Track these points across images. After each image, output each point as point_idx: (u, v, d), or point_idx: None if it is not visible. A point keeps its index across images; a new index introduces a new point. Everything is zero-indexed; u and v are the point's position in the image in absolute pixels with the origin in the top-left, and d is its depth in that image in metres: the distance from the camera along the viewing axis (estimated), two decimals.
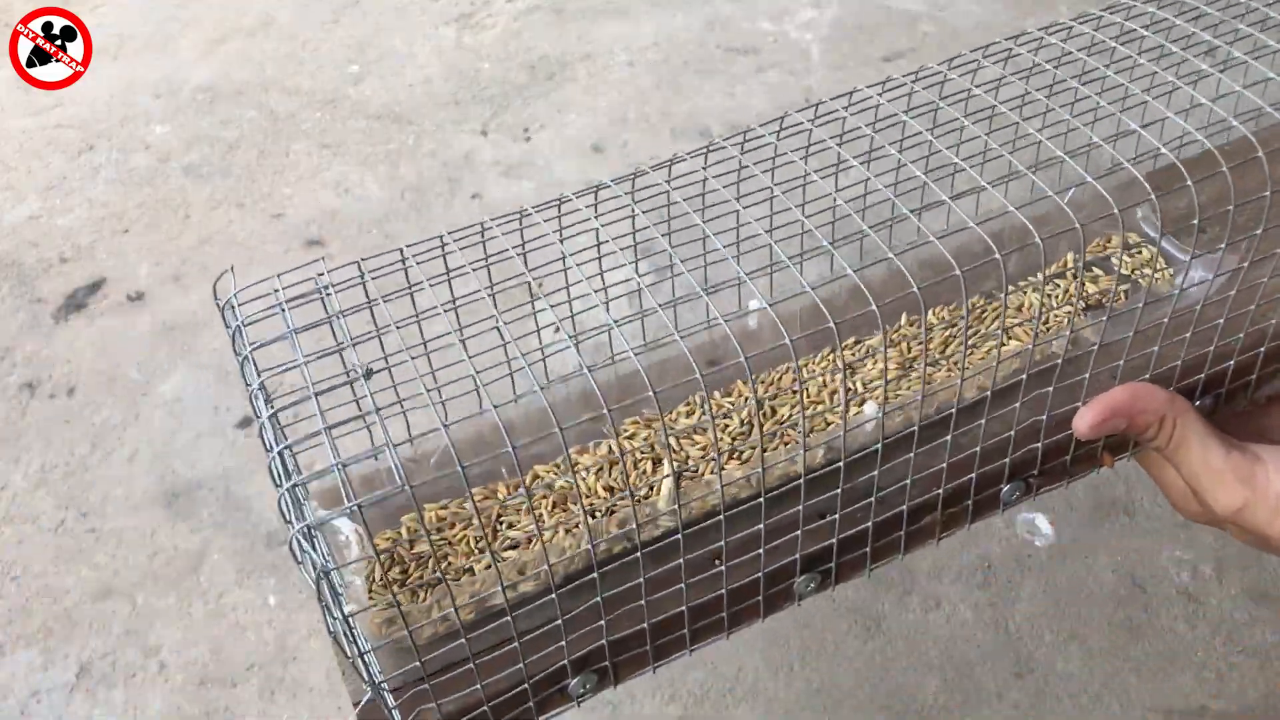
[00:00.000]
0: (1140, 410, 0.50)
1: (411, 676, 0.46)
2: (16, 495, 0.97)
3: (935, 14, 1.61)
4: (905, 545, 0.53)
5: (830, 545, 0.50)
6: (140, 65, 1.56)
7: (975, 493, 0.52)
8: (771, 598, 0.52)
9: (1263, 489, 0.49)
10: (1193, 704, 0.81)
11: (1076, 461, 0.53)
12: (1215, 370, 0.53)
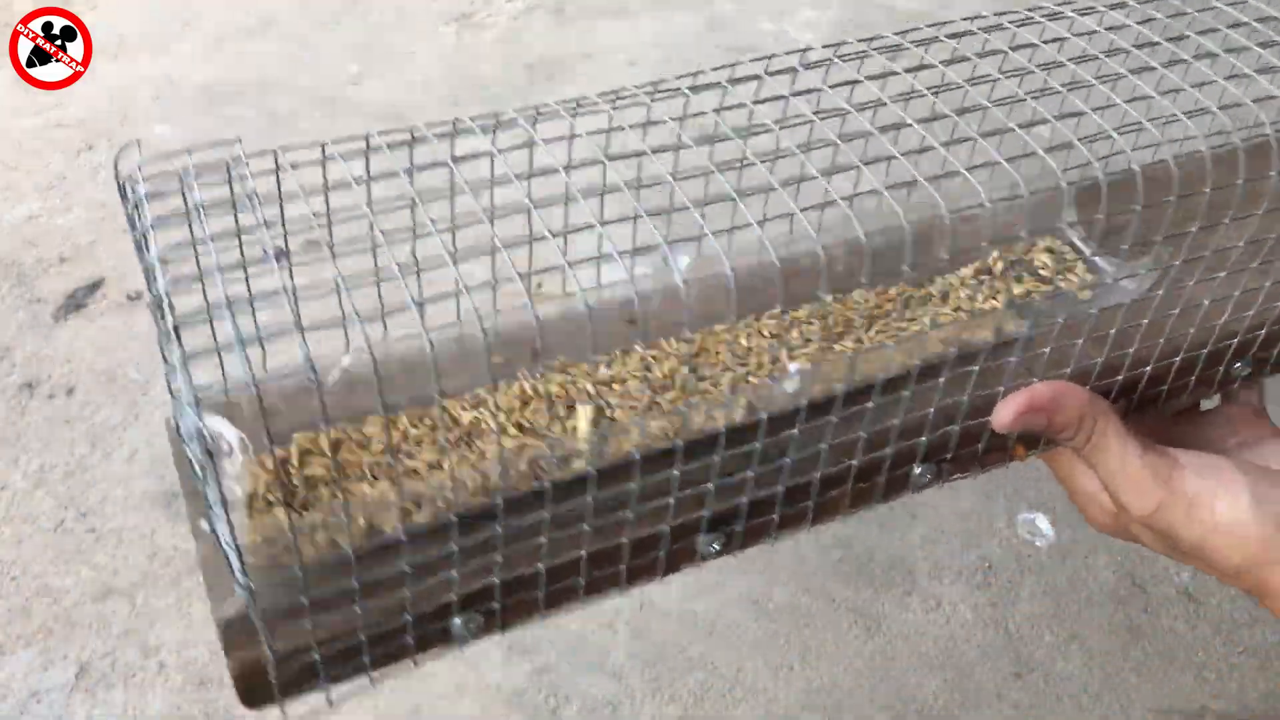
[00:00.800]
0: (1060, 407, 0.50)
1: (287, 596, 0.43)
2: (16, 495, 0.97)
3: (936, 13, 1.61)
4: (814, 516, 0.52)
5: (738, 504, 0.48)
6: (140, 65, 1.56)
7: (889, 470, 0.51)
8: (674, 554, 0.50)
9: (1179, 490, 0.49)
10: (1193, 704, 0.81)
11: (989, 451, 0.54)
12: (1131, 375, 0.53)
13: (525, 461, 0.48)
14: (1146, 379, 0.54)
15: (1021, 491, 0.95)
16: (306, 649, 0.44)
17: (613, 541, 0.47)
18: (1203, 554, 0.50)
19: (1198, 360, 0.55)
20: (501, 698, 0.81)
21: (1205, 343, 0.54)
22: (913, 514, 0.93)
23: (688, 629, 0.85)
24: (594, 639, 0.85)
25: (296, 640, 0.44)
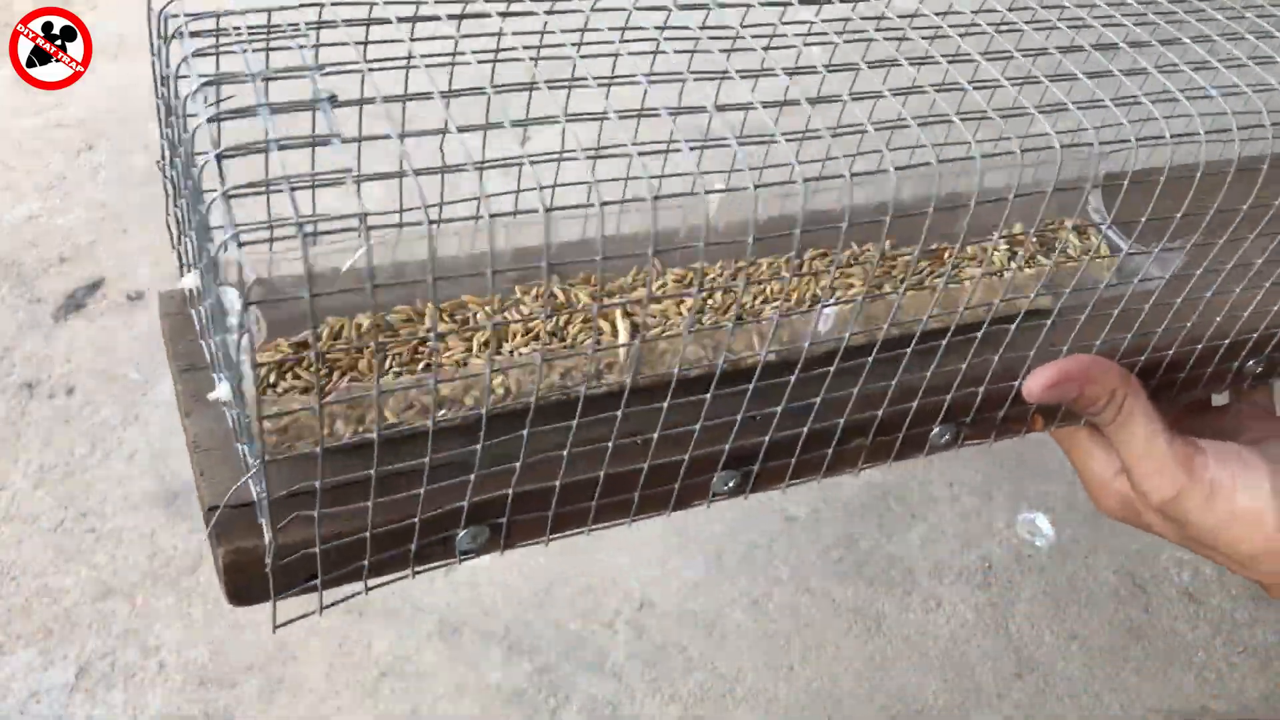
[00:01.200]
0: (1093, 380, 0.49)
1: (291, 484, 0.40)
2: (16, 495, 0.97)
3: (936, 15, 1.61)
4: (828, 466, 0.51)
5: (759, 443, 0.47)
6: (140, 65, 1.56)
7: (909, 427, 0.51)
8: (687, 488, 0.48)
9: (1200, 476, 0.49)
10: (1193, 704, 0.81)
11: (1007, 420, 0.53)
12: (1152, 359, 0.53)
13: (559, 372, 0.46)
14: (1166, 365, 0.53)
15: (1022, 491, 0.95)
16: (305, 544, 0.41)
17: (633, 465, 0.45)
18: (1217, 542, 0.49)
19: (1216, 352, 0.55)
20: (501, 697, 0.81)
21: (1226, 335, 0.54)
22: (913, 514, 0.93)
23: (688, 629, 0.85)
24: (594, 639, 0.85)
25: (297, 534, 0.41)
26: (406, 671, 0.83)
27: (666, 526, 0.91)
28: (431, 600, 0.87)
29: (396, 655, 0.84)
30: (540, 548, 0.55)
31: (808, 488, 0.92)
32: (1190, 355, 0.54)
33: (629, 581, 0.88)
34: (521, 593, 0.87)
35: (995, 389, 0.51)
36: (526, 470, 0.43)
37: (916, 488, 0.95)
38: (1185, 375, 0.55)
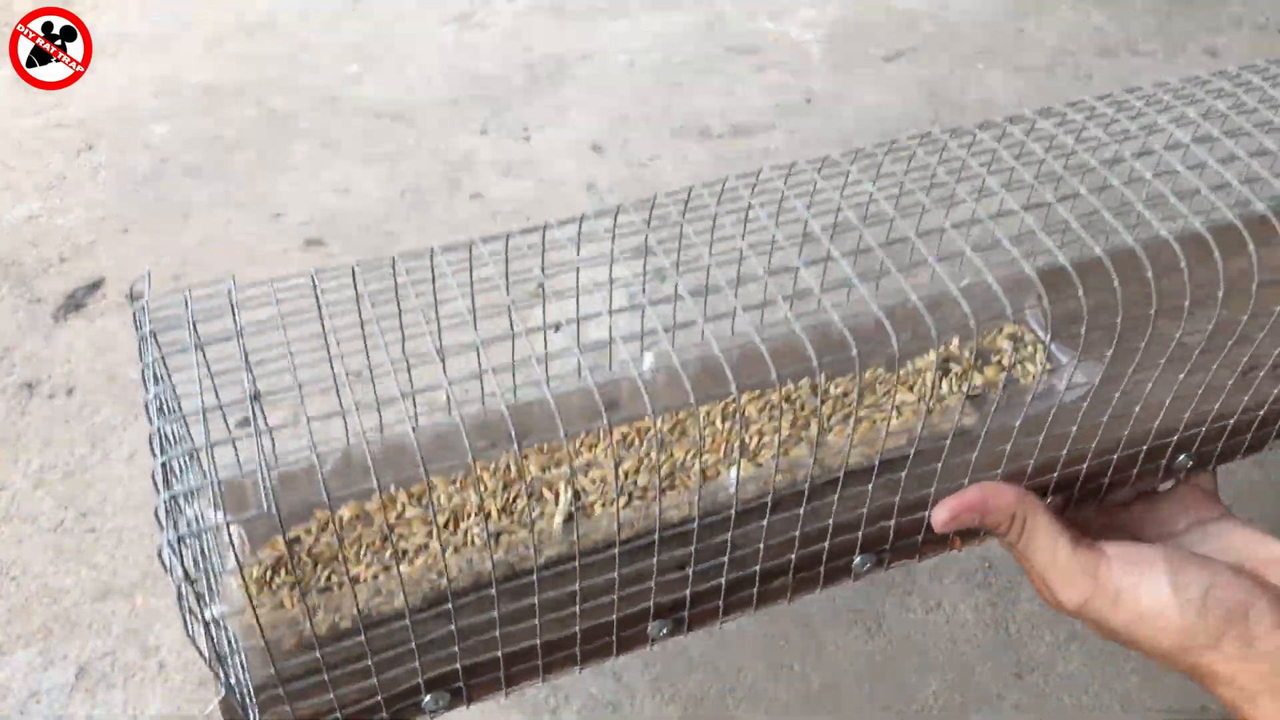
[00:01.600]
0: (992, 509, 0.53)
1: (278, 677, 0.47)
2: (16, 495, 0.97)
3: (936, 13, 1.61)
4: (757, 602, 0.55)
5: (684, 596, 0.53)
6: (140, 65, 1.56)
7: (827, 561, 0.55)
8: (625, 638, 0.54)
9: (1104, 582, 0.52)
10: (1193, 704, 0.81)
11: (927, 543, 0.57)
12: (1073, 470, 0.56)
13: (504, 549, 0.52)
14: (1086, 473, 0.57)
15: None
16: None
17: (571, 629, 0.51)
18: (1134, 640, 0.52)
19: (1139, 455, 0.58)
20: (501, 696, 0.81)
21: (1145, 439, 0.57)
22: None
23: None
24: None
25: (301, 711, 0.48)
26: None
27: None
28: None
29: None
30: None
31: None
32: (1109, 463, 0.57)
33: None
34: None
35: (911, 518, 0.55)
36: (477, 645, 0.50)
37: None
38: (1113, 478, 0.58)
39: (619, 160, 1.34)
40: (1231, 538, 0.58)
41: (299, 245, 1.24)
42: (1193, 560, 0.52)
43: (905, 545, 0.58)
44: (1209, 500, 0.60)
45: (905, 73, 1.49)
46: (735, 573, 0.54)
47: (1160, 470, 0.61)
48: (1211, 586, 0.51)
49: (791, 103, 1.44)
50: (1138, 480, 0.60)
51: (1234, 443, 0.63)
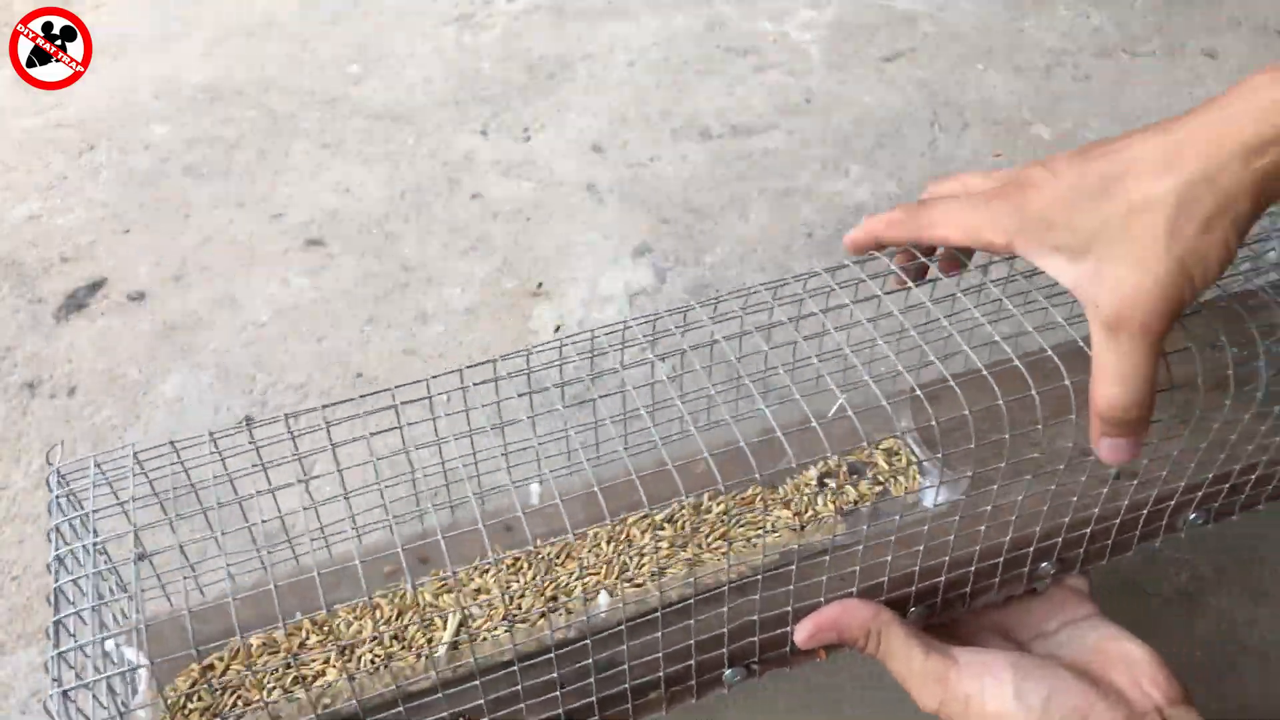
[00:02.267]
0: (845, 626, 0.58)
1: None
2: (17, 495, 0.97)
3: (935, 14, 1.61)
4: (634, 713, 0.60)
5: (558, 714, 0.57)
6: (141, 65, 1.56)
7: (697, 675, 0.59)
8: None
9: (954, 688, 0.55)
10: None
11: (795, 654, 0.62)
12: (931, 583, 0.61)
13: (390, 673, 0.57)
14: (950, 582, 0.61)
15: None
16: None
17: None
18: None
19: (998, 565, 0.62)
20: None
21: (1001, 550, 0.61)
22: None
23: None
24: None
25: None
26: None
27: None
28: None
29: None
30: None
31: None
32: (968, 574, 0.61)
33: None
34: None
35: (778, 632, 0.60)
36: None
37: None
38: (975, 586, 0.63)
39: (619, 160, 1.34)
40: (1091, 636, 0.61)
41: (299, 245, 1.24)
42: (1036, 668, 0.55)
43: (775, 656, 0.62)
44: (1079, 599, 0.64)
45: (904, 73, 1.49)
46: (609, 689, 0.58)
47: (1025, 577, 0.65)
48: (1052, 693, 0.54)
49: (791, 103, 1.45)
50: (1002, 587, 0.64)
51: (1097, 547, 0.66)
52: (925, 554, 0.60)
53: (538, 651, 0.56)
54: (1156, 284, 0.46)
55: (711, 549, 0.64)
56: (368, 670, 0.58)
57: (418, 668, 0.57)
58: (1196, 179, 0.45)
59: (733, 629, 0.59)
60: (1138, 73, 1.49)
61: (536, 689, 0.55)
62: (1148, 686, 0.57)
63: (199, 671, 0.59)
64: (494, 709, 0.54)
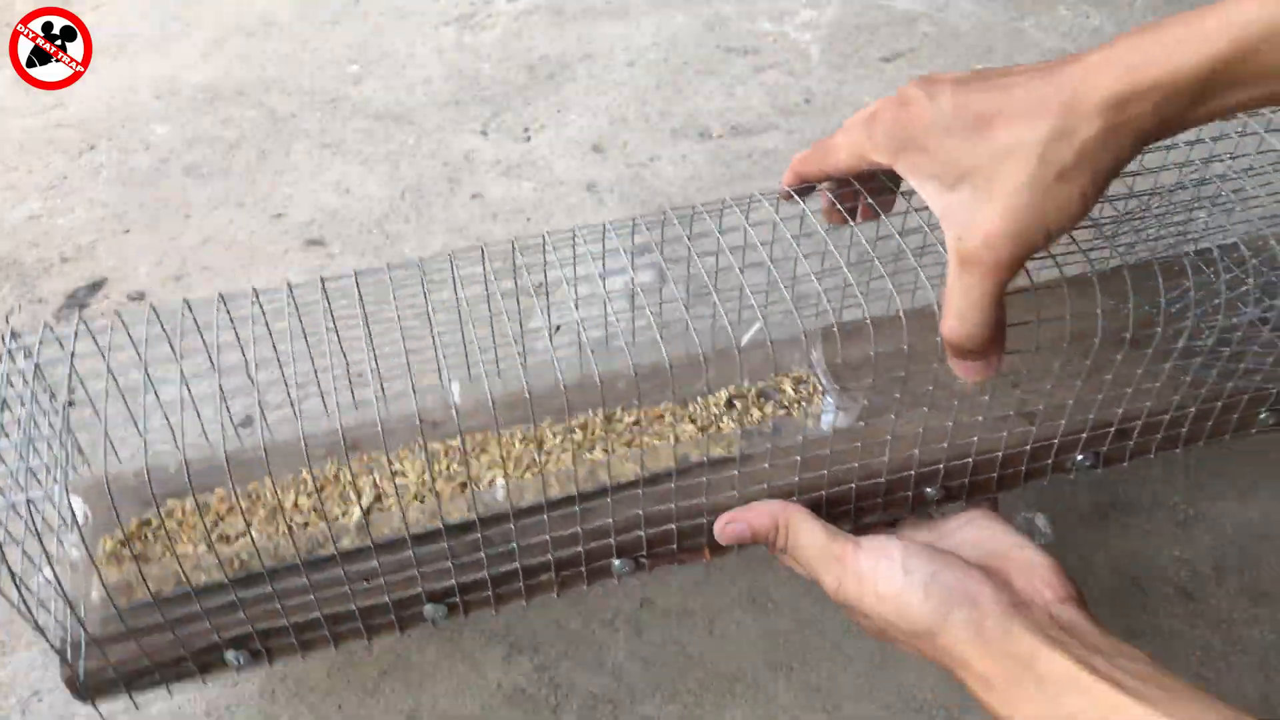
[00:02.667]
0: (758, 516, 0.63)
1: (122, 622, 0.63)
2: None
3: (935, 14, 1.61)
4: (526, 594, 0.67)
5: (453, 585, 0.64)
6: (141, 65, 1.56)
7: (586, 563, 0.66)
8: (404, 617, 0.66)
9: (853, 567, 0.59)
10: None
11: (683, 550, 0.68)
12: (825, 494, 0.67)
13: (306, 538, 0.65)
14: (832, 498, 0.68)
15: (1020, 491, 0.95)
16: (127, 663, 0.64)
17: (355, 604, 0.63)
18: (885, 624, 0.58)
19: (881, 485, 0.68)
20: (502, 695, 0.82)
21: (882, 472, 0.68)
22: None
23: (687, 628, 0.86)
24: (594, 637, 0.85)
25: (118, 656, 0.64)
26: (407, 670, 0.84)
27: None
28: None
29: (397, 654, 0.84)
30: None
31: None
32: (850, 491, 0.67)
33: (629, 580, 0.89)
34: None
35: (661, 530, 0.67)
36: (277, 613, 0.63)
37: None
38: (859, 504, 0.69)
39: (619, 160, 1.35)
40: (995, 544, 0.65)
41: (300, 245, 1.24)
42: (925, 551, 0.59)
43: (663, 552, 0.68)
44: (990, 518, 0.69)
45: (904, 73, 1.49)
46: (500, 566, 0.65)
47: (910, 500, 0.71)
48: (936, 572, 0.57)
49: (791, 103, 1.45)
50: (888, 508, 0.70)
51: (983, 479, 0.73)
52: (813, 472, 0.66)
53: (439, 530, 0.64)
54: (1009, 229, 0.48)
55: (614, 453, 0.70)
56: (283, 536, 0.65)
57: (329, 533, 0.65)
58: (1058, 130, 0.46)
59: (620, 523, 0.65)
60: None
61: (433, 558, 0.63)
62: (1040, 585, 0.60)
63: (135, 525, 0.69)
64: (389, 571, 0.63)
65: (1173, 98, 0.45)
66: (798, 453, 0.64)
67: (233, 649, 0.64)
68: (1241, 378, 0.75)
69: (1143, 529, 0.92)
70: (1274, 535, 0.91)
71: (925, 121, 0.50)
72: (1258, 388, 0.75)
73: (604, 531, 0.65)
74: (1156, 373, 0.69)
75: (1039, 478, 0.75)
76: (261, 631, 0.63)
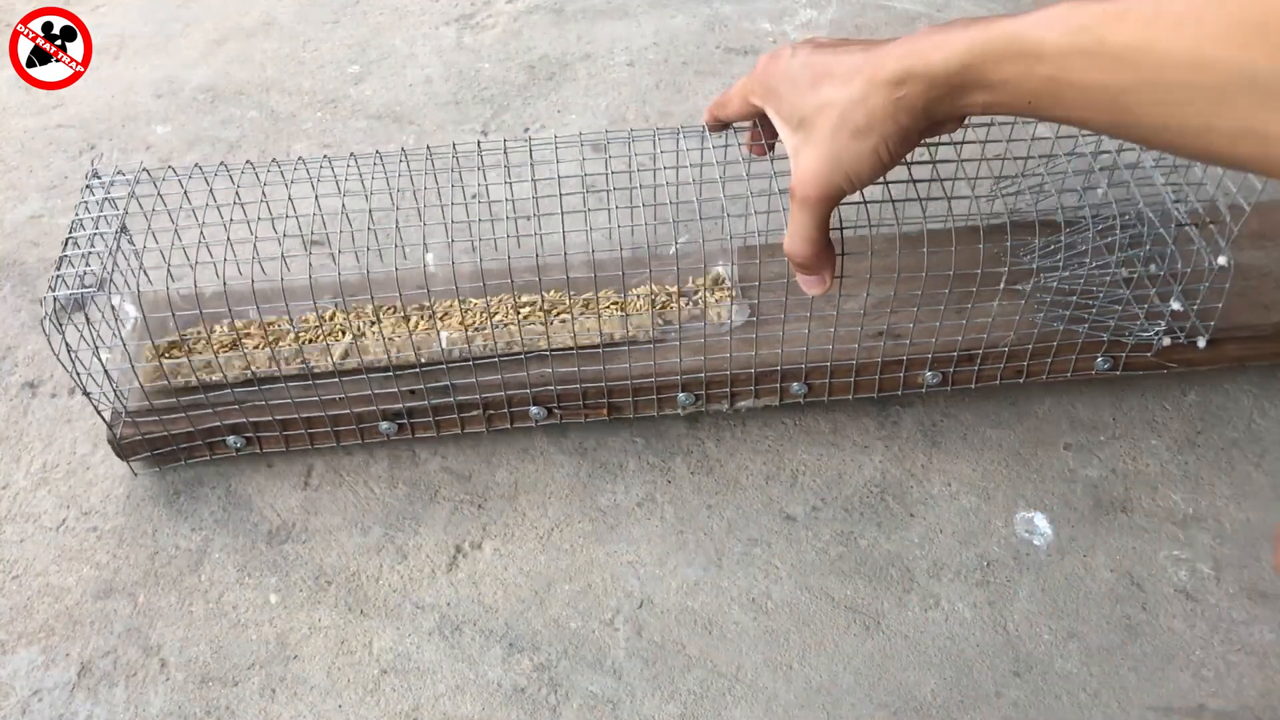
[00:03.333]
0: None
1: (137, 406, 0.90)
2: (18, 494, 0.98)
3: (935, 14, 1.61)
4: (462, 425, 0.91)
5: (402, 408, 0.89)
6: (141, 65, 1.56)
7: (509, 406, 0.90)
8: (364, 429, 0.91)
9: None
10: (1191, 702, 0.81)
11: (587, 406, 0.91)
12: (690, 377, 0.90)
13: (299, 358, 0.91)
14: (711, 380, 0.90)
15: (1020, 490, 0.95)
16: (153, 434, 0.91)
17: (321, 411, 0.89)
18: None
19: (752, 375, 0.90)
20: (502, 695, 0.82)
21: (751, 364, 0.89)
22: (911, 512, 0.94)
23: (687, 627, 0.86)
24: (594, 636, 0.85)
25: (147, 430, 0.90)
26: (407, 669, 0.84)
27: (666, 525, 0.92)
28: (432, 598, 0.88)
29: (397, 653, 0.85)
30: (539, 548, 0.67)
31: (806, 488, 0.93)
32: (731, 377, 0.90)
33: (629, 580, 0.89)
34: (522, 591, 0.88)
35: (574, 386, 0.89)
36: (266, 411, 0.89)
37: (915, 486, 0.95)
38: (735, 390, 0.92)
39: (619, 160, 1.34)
40: None
41: (300, 245, 1.24)
42: None
43: (572, 406, 0.91)
44: None
45: None
46: (439, 398, 0.88)
47: (778, 392, 0.92)
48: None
49: None
50: (759, 396, 0.92)
51: (841, 382, 0.91)
52: (697, 357, 0.89)
53: (396, 365, 0.89)
54: (817, 170, 0.58)
55: (550, 325, 0.91)
56: (285, 356, 0.91)
57: (318, 359, 0.92)
58: (856, 97, 0.55)
59: (534, 378, 0.88)
60: None
61: (386, 384, 0.89)
62: None
63: (175, 335, 0.95)
64: (348, 390, 0.89)
65: (933, 88, 0.52)
66: (697, 341, 0.88)
67: (232, 434, 0.89)
68: (1092, 327, 0.91)
69: (1142, 527, 0.92)
70: (1274, 535, 0.91)
71: (782, 73, 0.60)
72: (1089, 335, 0.91)
73: (521, 383, 0.88)
74: (1005, 311, 0.89)
75: (893, 388, 0.93)
76: (253, 424, 0.89)
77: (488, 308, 0.94)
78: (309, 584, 0.89)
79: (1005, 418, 1.01)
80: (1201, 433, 1.00)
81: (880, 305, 0.91)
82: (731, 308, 0.93)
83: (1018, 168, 0.98)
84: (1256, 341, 0.96)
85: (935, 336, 0.88)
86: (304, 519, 0.94)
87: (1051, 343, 0.91)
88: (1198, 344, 0.92)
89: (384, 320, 0.93)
